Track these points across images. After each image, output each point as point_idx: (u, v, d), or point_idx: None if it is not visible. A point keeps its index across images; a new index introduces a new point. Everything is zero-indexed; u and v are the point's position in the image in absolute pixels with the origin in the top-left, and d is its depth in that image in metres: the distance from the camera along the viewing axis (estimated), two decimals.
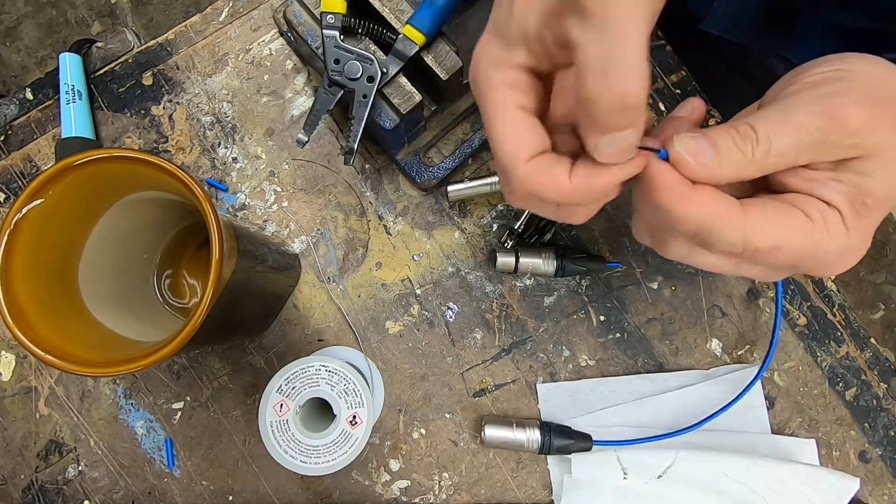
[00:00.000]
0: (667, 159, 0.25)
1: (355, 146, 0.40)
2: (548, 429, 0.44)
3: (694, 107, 0.30)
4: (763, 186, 0.27)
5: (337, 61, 0.39)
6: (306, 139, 0.40)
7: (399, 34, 0.39)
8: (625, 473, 0.43)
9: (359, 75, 0.39)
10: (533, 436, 0.43)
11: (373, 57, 0.39)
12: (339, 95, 0.40)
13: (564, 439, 0.44)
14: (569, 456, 0.44)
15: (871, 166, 0.25)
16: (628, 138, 0.24)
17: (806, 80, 0.26)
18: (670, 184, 0.25)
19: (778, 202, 0.26)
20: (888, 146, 0.24)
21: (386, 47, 0.40)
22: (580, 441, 0.44)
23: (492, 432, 0.43)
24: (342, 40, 0.39)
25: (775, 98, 0.26)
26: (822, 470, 0.43)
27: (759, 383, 0.46)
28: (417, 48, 0.39)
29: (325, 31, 0.39)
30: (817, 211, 0.25)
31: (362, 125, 0.40)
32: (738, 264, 0.28)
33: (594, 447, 0.44)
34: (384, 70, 0.39)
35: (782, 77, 0.27)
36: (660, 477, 0.43)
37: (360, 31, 0.40)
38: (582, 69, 0.23)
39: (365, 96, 0.39)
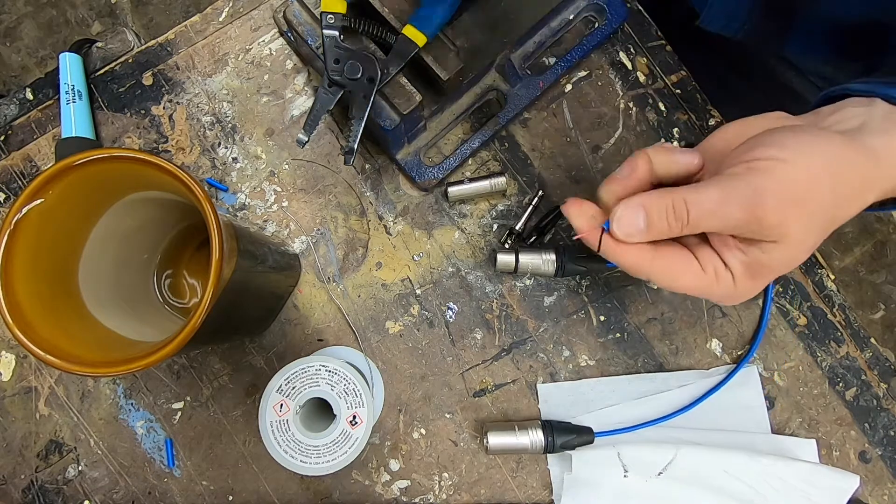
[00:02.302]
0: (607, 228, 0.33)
1: (355, 146, 0.40)
2: (550, 427, 0.44)
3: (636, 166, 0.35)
4: None
5: (337, 61, 0.39)
6: (306, 139, 0.40)
7: (399, 34, 0.39)
8: (625, 471, 0.43)
9: (359, 75, 0.39)
10: (536, 437, 0.43)
11: (373, 57, 0.39)
12: (339, 95, 0.40)
13: (567, 435, 0.43)
14: (570, 452, 0.44)
15: (774, 249, 0.30)
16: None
17: (749, 164, 0.30)
18: (605, 243, 0.33)
19: (683, 253, 0.33)
20: (791, 237, 0.30)
21: (386, 47, 0.40)
22: (582, 435, 0.44)
23: (495, 440, 0.43)
24: (342, 40, 0.39)
25: (723, 172, 0.31)
26: (823, 468, 0.43)
27: (759, 382, 0.46)
28: (417, 48, 0.39)
29: (325, 31, 0.39)
30: (713, 267, 0.32)
31: (362, 125, 0.40)
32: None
33: (596, 440, 0.44)
34: (384, 70, 0.39)
35: (742, 145, 0.32)
36: (660, 474, 0.43)
37: (360, 30, 0.40)
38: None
39: (365, 96, 0.39)
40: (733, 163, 0.31)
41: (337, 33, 0.39)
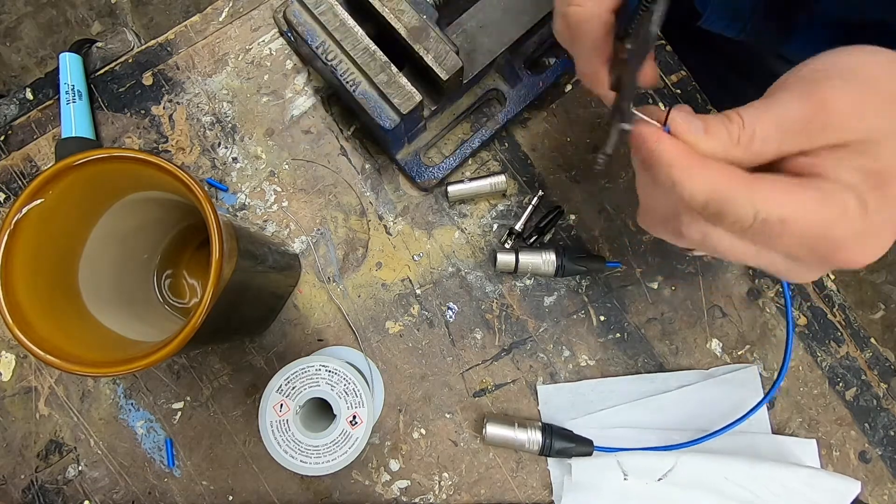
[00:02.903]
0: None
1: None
2: (549, 431, 0.44)
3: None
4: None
5: None
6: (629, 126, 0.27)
7: None
8: (625, 475, 0.43)
9: None
10: (534, 436, 0.43)
11: None
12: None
13: (565, 442, 0.43)
14: (569, 461, 0.44)
15: (871, 148, 0.24)
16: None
17: (797, 75, 0.26)
18: (677, 156, 0.25)
19: (790, 178, 0.25)
20: (883, 131, 0.24)
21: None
22: (581, 445, 0.44)
23: (493, 430, 0.43)
24: None
25: (769, 92, 0.27)
26: (824, 472, 0.43)
27: (759, 382, 0.46)
28: None
29: None
30: (830, 187, 0.24)
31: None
32: (754, 247, 0.27)
33: (595, 452, 0.44)
34: None
35: (783, 75, 0.28)
36: (660, 480, 0.43)
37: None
38: None
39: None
40: (781, 83, 0.27)
41: None
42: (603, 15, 0.28)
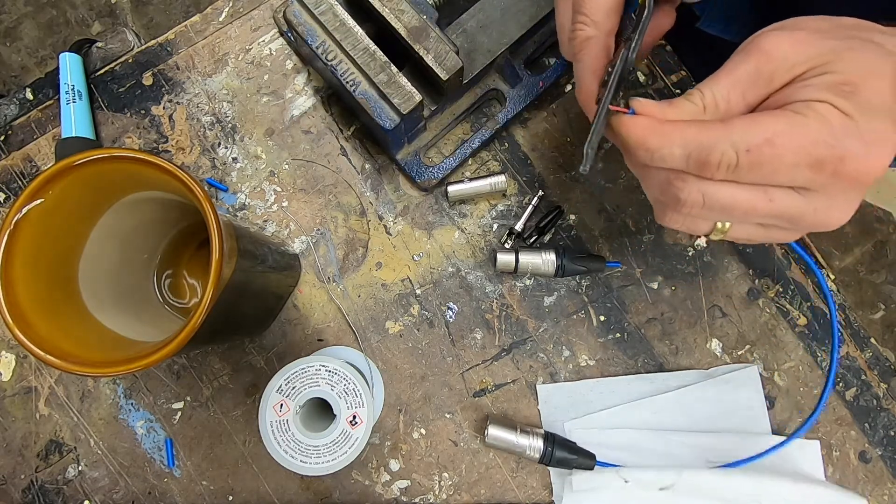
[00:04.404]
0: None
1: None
2: (552, 440, 0.43)
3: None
4: None
5: None
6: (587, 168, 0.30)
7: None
8: (626, 480, 0.43)
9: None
10: (535, 444, 0.43)
11: None
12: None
13: (567, 453, 0.43)
14: (569, 473, 0.44)
15: (825, 67, 0.26)
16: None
17: (738, 48, 0.28)
18: (646, 125, 0.27)
19: (764, 112, 0.27)
20: (826, 53, 0.26)
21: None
22: (582, 458, 0.43)
23: (495, 433, 0.43)
24: None
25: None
26: (828, 486, 0.43)
27: (759, 382, 0.46)
28: None
29: None
30: (802, 105, 0.25)
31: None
32: (761, 190, 0.27)
33: (596, 468, 0.43)
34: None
35: None
36: (662, 490, 0.43)
37: None
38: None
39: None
40: None
41: None
42: (601, 37, 0.31)
